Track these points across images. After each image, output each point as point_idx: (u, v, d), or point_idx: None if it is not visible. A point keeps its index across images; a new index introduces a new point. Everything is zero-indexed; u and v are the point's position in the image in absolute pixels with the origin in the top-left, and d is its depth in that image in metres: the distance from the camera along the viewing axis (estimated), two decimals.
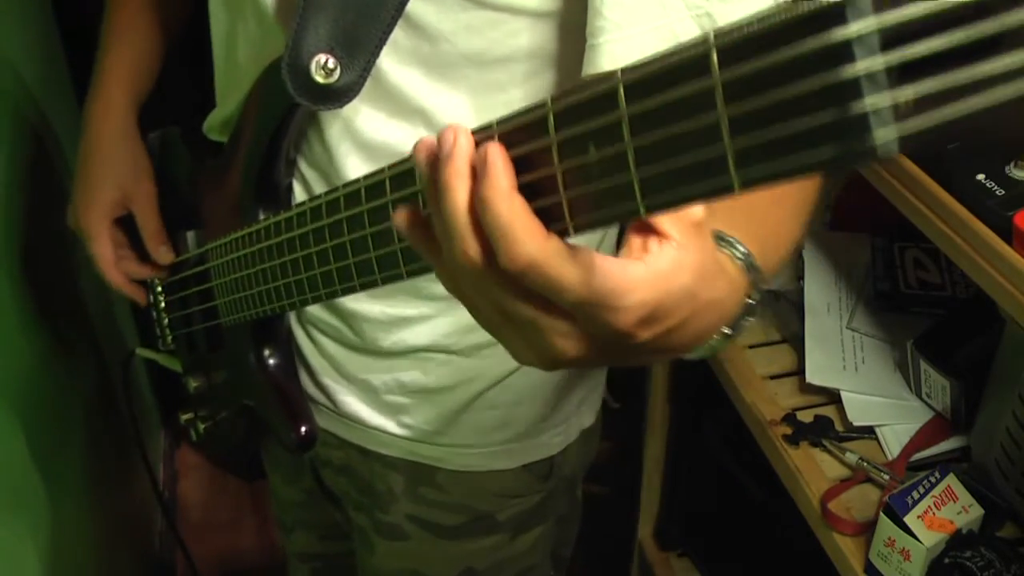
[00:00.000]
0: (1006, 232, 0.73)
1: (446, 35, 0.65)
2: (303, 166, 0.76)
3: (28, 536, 1.07)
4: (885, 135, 0.26)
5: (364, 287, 0.51)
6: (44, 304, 1.22)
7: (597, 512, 1.05)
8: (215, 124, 0.85)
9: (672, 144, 0.32)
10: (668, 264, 0.39)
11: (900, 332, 1.11)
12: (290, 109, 0.70)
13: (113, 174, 0.91)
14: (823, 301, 1.17)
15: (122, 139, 0.92)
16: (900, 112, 0.25)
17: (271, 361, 0.84)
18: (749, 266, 0.49)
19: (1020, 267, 0.71)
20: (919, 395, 1.06)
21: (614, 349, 0.42)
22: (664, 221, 0.39)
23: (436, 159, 0.40)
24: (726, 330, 0.48)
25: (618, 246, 0.41)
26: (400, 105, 0.69)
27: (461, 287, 0.42)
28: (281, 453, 1.01)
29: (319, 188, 0.76)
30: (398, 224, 0.43)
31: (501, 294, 0.40)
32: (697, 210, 0.40)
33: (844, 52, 0.26)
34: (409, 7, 0.63)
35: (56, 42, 1.63)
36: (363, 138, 0.71)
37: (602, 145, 0.34)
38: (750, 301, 0.49)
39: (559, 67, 0.68)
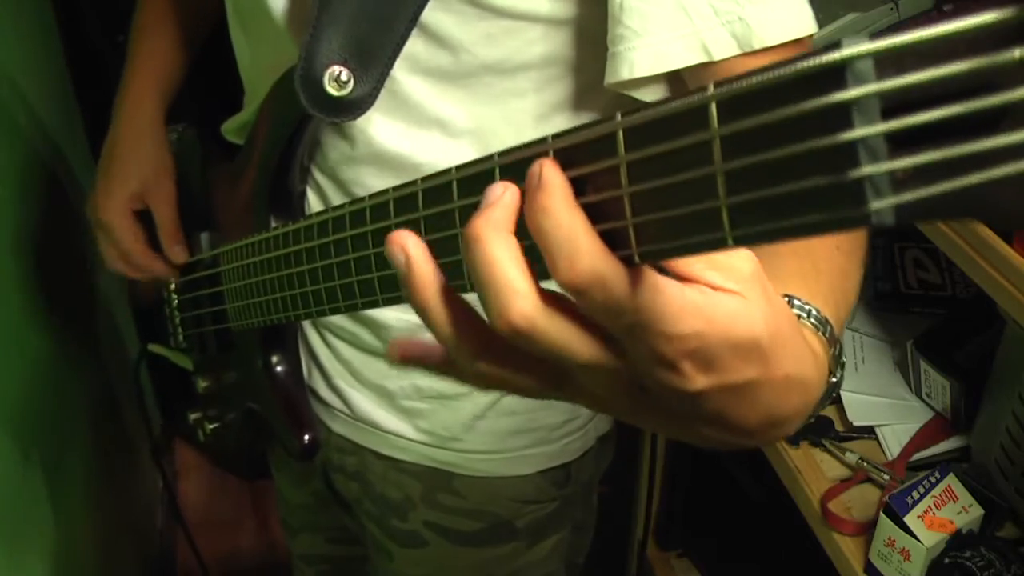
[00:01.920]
0: (1006, 232, 0.73)
1: (465, 45, 0.64)
2: (317, 174, 0.76)
3: (31, 535, 1.07)
4: (881, 205, 0.25)
5: (366, 306, 0.50)
6: (47, 305, 1.22)
7: (597, 512, 1.05)
8: (233, 127, 0.85)
9: (669, 193, 0.30)
10: (732, 306, 0.35)
11: (900, 332, 1.11)
12: (303, 118, 0.69)
13: (136, 168, 0.92)
14: None
15: (147, 135, 0.92)
16: (897, 182, 0.24)
17: (279, 368, 0.84)
18: (831, 338, 0.44)
19: (1020, 267, 0.72)
20: (919, 395, 1.06)
21: (669, 396, 0.37)
22: (709, 274, 0.35)
23: (413, 261, 0.36)
24: (808, 413, 0.42)
25: None
26: (416, 115, 0.69)
27: (491, 366, 0.38)
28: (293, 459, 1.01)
29: (333, 196, 0.76)
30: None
31: (548, 339, 0.35)
32: (746, 266, 0.36)
33: (842, 117, 0.25)
34: (427, 18, 0.63)
35: (55, 44, 1.63)
36: (378, 148, 0.70)
37: (600, 188, 0.33)
38: (833, 380, 0.44)
39: (577, 73, 0.68)
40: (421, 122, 0.69)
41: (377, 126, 0.69)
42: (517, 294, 0.34)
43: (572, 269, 0.32)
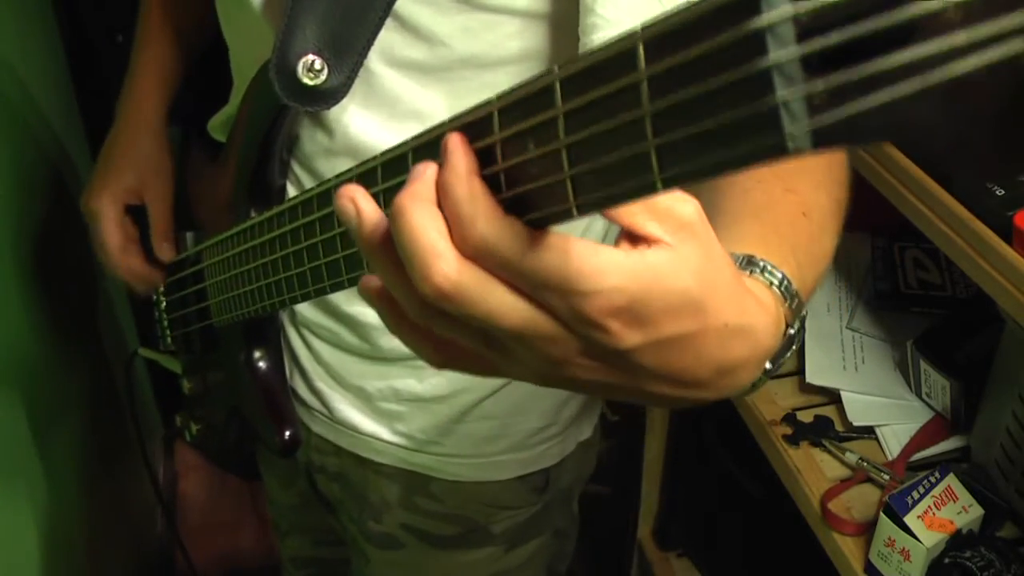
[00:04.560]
0: (1006, 232, 0.73)
1: (442, 38, 0.64)
2: (296, 168, 0.76)
3: (26, 535, 1.07)
4: (796, 130, 0.25)
5: (334, 288, 0.51)
6: (45, 303, 1.22)
7: (597, 512, 1.05)
8: (217, 123, 0.85)
9: (601, 141, 0.31)
10: (656, 260, 0.35)
11: (900, 332, 1.11)
12: (281, 110, 0.70)
13: (135, 162, 0.92)
14: (823, 301, 1.17)
15: (148, 132, 0.93)
16: (813, 106, 0.24)
17: (260, 363, 0.84)
18: (787, 292, 0.45)
19: (1020, 267, 0.71)
20: (919, 395, 1.06)
21: (607, 356, 0.37)
22: (650, 225, 0.36)
23: (363, 214, 0.38)
24: (767, 365, 0.43)
25: None
26: (394, 108, 0.69)
27: (434, 324, 0.39)
28: (275, 457, 1.01)
29: None
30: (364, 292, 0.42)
31: (469, 302, 0.36)
32: (685, 210, 0.36)
33: (757, 43, 0.25)
34: (405, 10, 0.63)
35: (55, 44, 1.62)
36: (355, 141, 0.70)
37: (540, 143, 0.33)
38: (791, 331, 0.45)
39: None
40: (398, 115, 0.69)
41: (355, 118, 0.69)
42: (439, 256, 0.35)
43: (464, 239, 0.35)
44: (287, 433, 0.83)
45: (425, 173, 0.36)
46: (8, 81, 1.26)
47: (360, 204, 0.39)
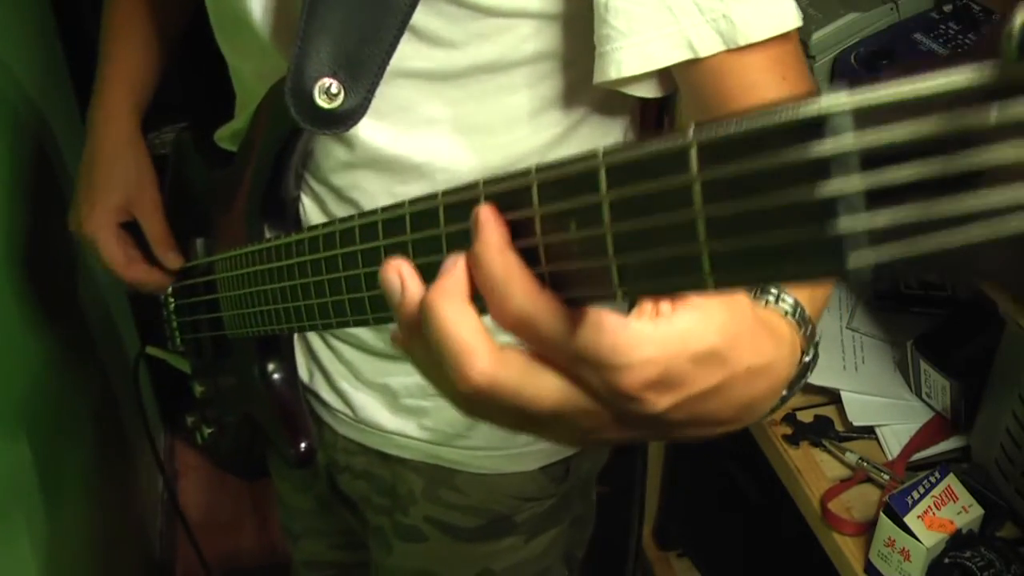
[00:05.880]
0: None
1: (457, 45, 0.64)
2: (311, 180, 0.76)
3: (26, 536, 1.07)
4: (859, 260, 0.25)
5: (357, 324, 0.50)
6: (45, 306, 1.22)
7: (597, 512, 1.05)
8: (226, 135, 0.85)
9: (651, 235, 0.30)
10: (684, 325, 0.36)
11: (900, 332, 1.11)
12: (296, 128, 0.69)
13: (117, 179, 0.91)
14: None
15: (125, 145, 0.91)
16: (875, 238, 0.24)
17: (275, 376, 0.83)
18: (801, 319, 0.45)
19: None
20: (919, 395, 1.06)
21: (639, 421, 0.38)
22: None
23: (406, 295, 0.37)
24: (783, 392, 0.44)
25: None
26: (410, 117, 0.68)
27: (476, 407, 0.39)
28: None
29: (329, 202, 0.76)
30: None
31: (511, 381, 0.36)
32: None
33: (820, 169, 0.25)
34: (418, 22, 0.62)
35: (55, 44, 1.63)
36: (374, 153, 0.70)
37: (583, 225, 0.33)
38: (806, 359, 0.45)
39: (569, 68, 0.68)
40: (415, 123, 0.68)
41: (371, 131, 0.69)
42: (473, 353, 0.35)
43: (501, 312, 0.35)
44: (303, 445, 0.82)
45: (455, 268, 0.36)
46: (6, 82, 1.26)
47: (407, 282, 0.37)
